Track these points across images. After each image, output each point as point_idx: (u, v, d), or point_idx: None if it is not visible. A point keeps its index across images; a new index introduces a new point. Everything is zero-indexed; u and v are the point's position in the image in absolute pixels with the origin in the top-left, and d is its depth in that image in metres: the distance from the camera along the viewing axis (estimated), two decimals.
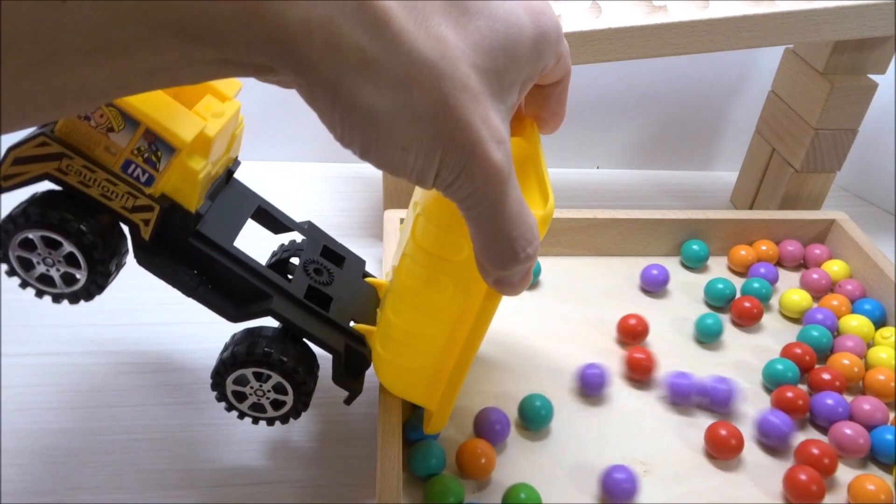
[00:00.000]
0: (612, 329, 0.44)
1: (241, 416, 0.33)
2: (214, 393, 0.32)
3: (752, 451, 0.37)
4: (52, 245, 0.28)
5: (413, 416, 0.36)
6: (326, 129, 0.21)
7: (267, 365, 0.31)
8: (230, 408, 0.33)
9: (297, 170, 0.63)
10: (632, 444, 0.37)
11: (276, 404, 0.32)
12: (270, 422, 0.33)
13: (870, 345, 0.43)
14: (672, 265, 0.50)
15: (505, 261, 0.24)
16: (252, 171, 0.62)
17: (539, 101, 0.28)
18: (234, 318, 0.31)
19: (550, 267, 0.49)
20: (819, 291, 0.47)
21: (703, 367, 0.42)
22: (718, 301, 0.47)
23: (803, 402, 0.38)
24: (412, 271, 0.29)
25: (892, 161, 0.61)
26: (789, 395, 0.38)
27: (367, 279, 0.37)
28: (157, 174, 0.28)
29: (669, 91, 0.63)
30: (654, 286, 0.47)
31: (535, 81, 0.24)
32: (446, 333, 0.30)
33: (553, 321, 0.45)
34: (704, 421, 0.38)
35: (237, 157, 0.35)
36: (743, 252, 0.49)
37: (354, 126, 0.20)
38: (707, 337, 0.44)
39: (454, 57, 0.20)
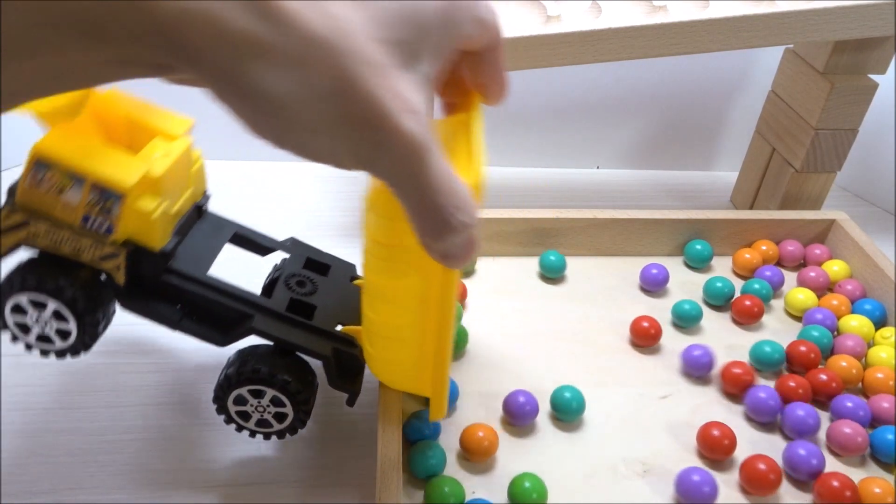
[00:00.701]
0: (612, 328, 0.44)
1: (252, 434, 0.34)
2: (222, 416, 0.34)
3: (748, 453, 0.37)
4: (41, 306, 0.30)
5: (413, 415, 0.36)
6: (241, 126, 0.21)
7: (258, 381, 0.32)
8: (239, 428, 0.34)
9: (297, 170, 0.63)
10: (632, 444, 0.37)
11: (279, 417, 0.33)
12: (280, 435, 0.34)
13: (870, 345, 0.43)
14: (676, 265, 0.50)
15: (438, 231, 0.24)
16: (252, 172, 0.62)
17: (475, 69, 0.28)
18: (221, 343, 0.33)
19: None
20: (816, 290, 0.47)
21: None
22: (717, 300, 0.47)
23: (804, 391, 0.39)
24: (374, 266, 0.30)
25: (892, 161, 0.61)
26: (791, 383, 0.39)
27: (356, 282, 0.38)
28: (114, 221, 0.29)
29: (669, 91, 0.63)
30: (653, 286, 0.47)
31: (455, 47, 0.24)
32: (419, 318, 0.30)
33: (553, 321, 0.45)
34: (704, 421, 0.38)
35: (206, 192, 0.36)
36: (748, 255, 0.49)
37: (261, 114, 0.20)
38: (684, 321, 0.44)
39: (351, 31, 0.20)
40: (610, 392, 0.40)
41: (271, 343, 0.33)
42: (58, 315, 0.31)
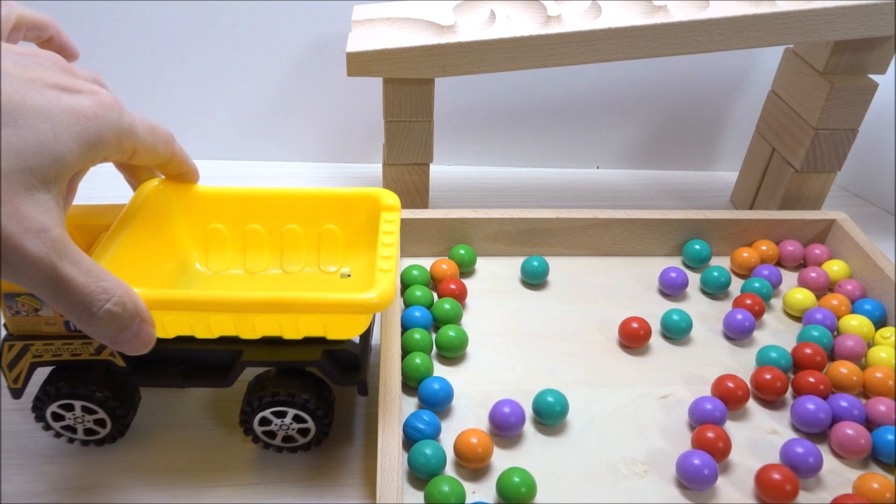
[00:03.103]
0: (612, 329, 0.44)
1: (279, 449, 0.36)
2: (250, 437, 0.36)
3: (748, 456, 0.37)
4: (69, 407, 0.34)
5: (413, 415, 0.36)
6: None
7: (279, 404, 0.34)
8: (267, 446, 0.36)
9: (297, 170, 0.63)
10: (632, 444, 0.37)
11: (303, 432, 0.35)
12: (306, 447, 0.36)
13: (870, 345, 0.43)
14: (674, 265, 0.50)
15: (85, 322, 0.26)
16: (252, 172, 0.62)
17: (163, 170, 0.35)
18: (226, 385, 0.35)
19: (550, 267, 0.49)
20: (817, 290, 0.47)
21: (702, 365, 0.42)
22: (714, 289, 0.47)
23: (781, 383, 0.39)
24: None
25: (892, 161, 0.61)
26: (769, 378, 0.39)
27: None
28: None
29: (669, 91, 0.63)
30: (673, 289, 0.47)
31: (96, 164, 0.28)
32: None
33: (553, 321, 0.45)
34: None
35: None
36: (745, 254, 0.49)
37: None
38: (674, 333, 0.44)
39: None
40: (609, 392, 0.40)
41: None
42: (87, 410, 0.34)
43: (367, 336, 0.36)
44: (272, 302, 0.29)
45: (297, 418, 0.35)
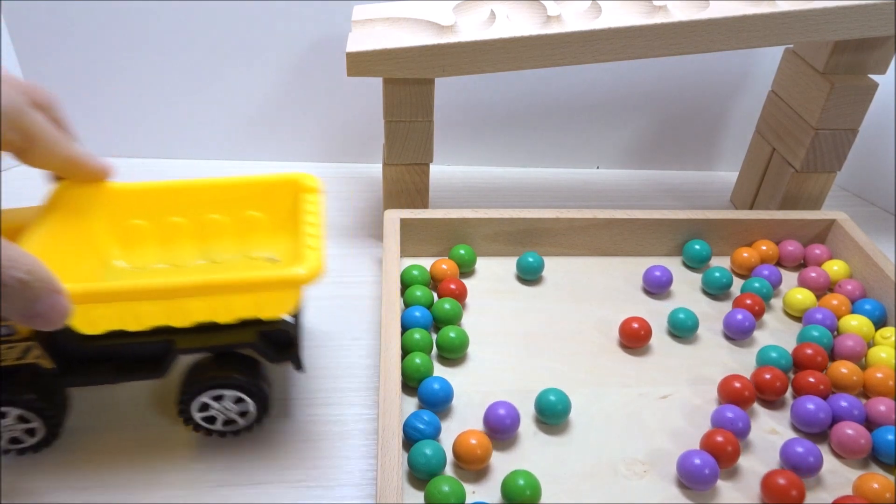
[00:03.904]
0: (612, 329, 0.44)
1: (222, 434, 0.37)
2: (190, 426, 0.36)
3: (747, 456, 0.37)
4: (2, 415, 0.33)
5: (413, 415, 0.36)
6: None
7: (212, 388, 0.34)
8: (208, 432, 0.36)
9: (296, 170, 0.63)
10: (632, 444, 0.37)
11: (243, 414, 0.36)
12: (248, 428, 0.37)
13: (870, 345, 0.43)
14: (674, 265, 0.50)
15: None
16: (252, 172, 0.62)
17: (69, 174, 0.34)
18: (160, 376, 0.34)
19: (550, 267, 0.49)
20: (817, 290, 0.47)
21: (702, 365, 0.42)
22: (716, 289, 0.47)
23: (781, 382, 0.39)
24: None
25: (892, 161, 0.61)
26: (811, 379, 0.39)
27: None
28: (11, 322, 0.31)
29: (669, 91, 0.63)
30: (657, 287, 0.47)
31: None
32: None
33: (553, 321, 0.45)
34: (706, 422, 0.38)
35: None
36: (746, 254, 0.49)
37: None
38: (680, 331, 0.44)
39: None
40: (610, 392, 0.40)
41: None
42: (21, 418, 0.34)
43: (298, 315, 0.36)
44: (202, 285, 0.29)
45: (235, 400, 0.35)
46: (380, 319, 0.40)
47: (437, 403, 0.37)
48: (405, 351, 0.40)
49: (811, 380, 0.39)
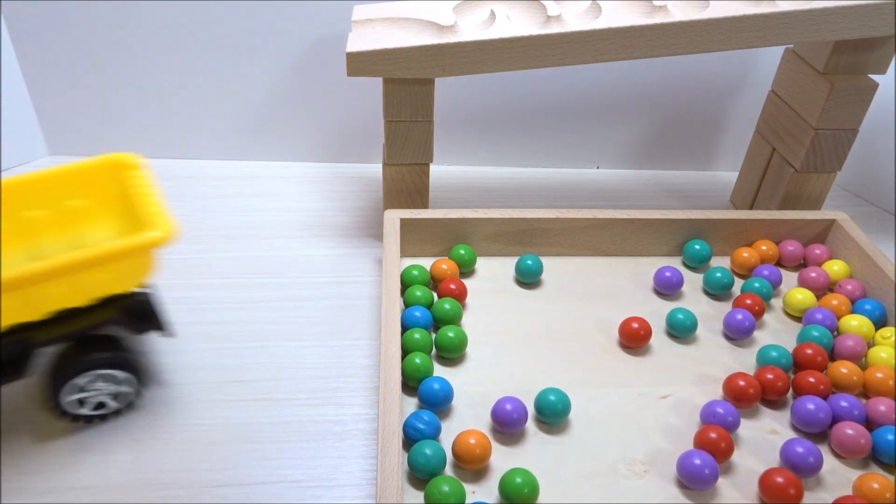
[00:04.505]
0: (612, 329, 0.44)
1: (89, 419, 0.36)
2: (55, 413, 0.35)
3: (747, 456, 0.37)
4: None
5: (413, 415, 0.36)
6: None
7: (79, 373, 0.34)
8: (75, 418, 0.36)
9: (297, 170, 0.63)
10: (632, 444, 0.37)
11: (116, 396, 0.36)
12: (130, 405, 0.37)
13: (870, 345, 0.43)
14: (674, 265, 0.50)
15: None
16: (252, 172, 0.62)
17: None
18: (21, 376, 0.33)
19: (550, 267, 0.49)
20: (817, 290, 0.47)
21: (702, 365, 0.42)
22: (717, 290, 0.47)
23: (783, 382, 0.39)
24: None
25: (892, 161, 0.61)
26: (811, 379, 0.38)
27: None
28: None
29: (669, 91, 0.63)
30: (667, 288, 0.47)
31: None
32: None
33: (553, 321, 0.45)
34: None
35: None
36: (745, 254, 0.49)
37: None
38: (679, 332, 0.44)
39: None
40: (610, 392, 0.40)
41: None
42: None
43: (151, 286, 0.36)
44: (62, 265, 0.29)
45: (106, 378, 0.35)
46: (380, 319, 0.40)
47: (437, 403, 0.37)
48: (405, 351, 0.40)
49: (811, 380, 0.39)
